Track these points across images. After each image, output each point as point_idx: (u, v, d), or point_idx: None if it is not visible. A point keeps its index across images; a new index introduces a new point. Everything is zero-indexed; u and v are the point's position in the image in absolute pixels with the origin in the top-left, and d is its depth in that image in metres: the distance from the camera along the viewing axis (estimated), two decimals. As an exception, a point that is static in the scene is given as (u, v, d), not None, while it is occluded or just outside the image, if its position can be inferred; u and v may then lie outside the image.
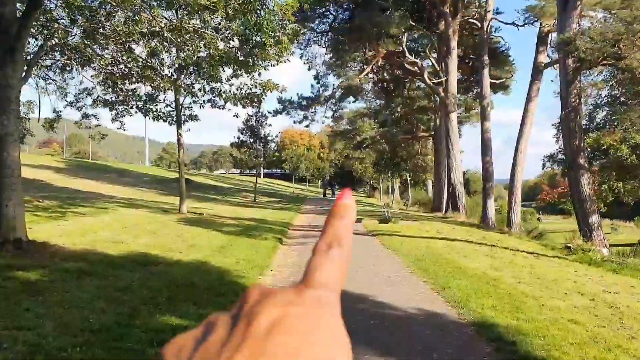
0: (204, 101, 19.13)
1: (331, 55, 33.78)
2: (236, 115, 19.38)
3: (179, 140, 19.60)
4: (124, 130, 18.59)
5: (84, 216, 14.48)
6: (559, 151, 36.21)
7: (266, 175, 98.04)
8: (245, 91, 17.93)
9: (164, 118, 20.18)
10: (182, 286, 7.36)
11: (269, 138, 34.13)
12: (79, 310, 5.77)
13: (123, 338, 5.06)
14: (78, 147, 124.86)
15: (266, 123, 34.08)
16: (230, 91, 18.27)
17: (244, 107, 18.67)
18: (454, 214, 30.31)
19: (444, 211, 33.04)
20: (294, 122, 34.68)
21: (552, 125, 31.82)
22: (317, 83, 34.65)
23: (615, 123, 32.36)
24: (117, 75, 18.04)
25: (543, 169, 41.56)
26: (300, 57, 35.67)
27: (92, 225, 12.73)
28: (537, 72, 28.21)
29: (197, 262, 9.35)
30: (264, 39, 13.75)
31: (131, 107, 19.37)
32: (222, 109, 18.87)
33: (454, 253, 12.51)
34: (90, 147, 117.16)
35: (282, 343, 0.33)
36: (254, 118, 34.06)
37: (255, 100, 18.10)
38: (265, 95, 18.27)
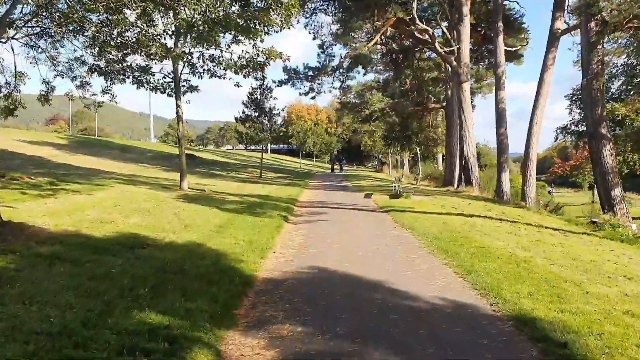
0: (203, 71, 18.00)
1: (338, 24, 32.40)
2: (237, 85, 18.25)
3: (177, 112, 18.52)
4: (116, 102, 17.49)
5: (76, 194, 13.53)
6: (572, 122, 34.91)
7: (273, 151, 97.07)
8: (247, 59, 16.77)
9: (162, 89, 19.11)
10: (170, 273, 6.39)
11: (274, 111, 33.02)
12: (40, 307, 4.80)
13: (87, 344, 4.10)
14: (84, 123, 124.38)
15: (271, 96, 32.96)
16: (230, 59, 17.14)
17: (245, 76, 17.52)
18: (467, 188, 29.21)
19: (456, 185, 31.94)
20: (300, 93, 33.43)
21: (565, 96, 30.38)
22: (323, 53, 33.33)
23: (632, 92, 30.98)
24: (111, 44, 16.98)
25: (556, 140, 40.25)
26: (305, 27, 34.27)
27: (83, 203, 11.78)
28: (553, 39, 26.71)
29: (192, 244, 8.38)
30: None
31: (127, 77, 18.29)
32: (222, 78, 17.73)
33: (474, 231, 11.48)
34: (96, 123, 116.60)
35: None
36: (259, 91, 32.93)
37: (258, 68, 16.93)
38: (269, 63, 17.12)
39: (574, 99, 33.08)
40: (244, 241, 9.07)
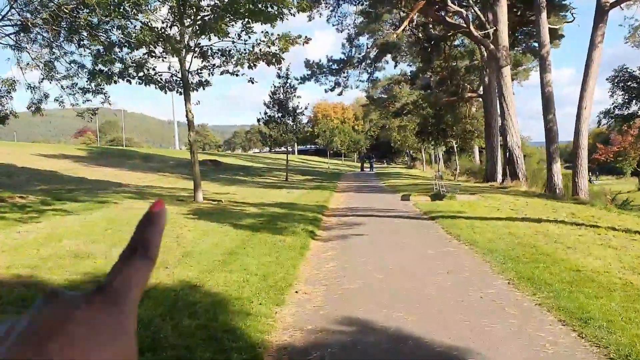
0: (213, 66, 15.88)
1: (362, 15, 30.03)
2: (251, 81, 16.01)
3: (187, 114, 16.42)
4: (109, 104, 15.54)
5: (67, 215, 11.52)
6: (616, 106, 31.81)
7: (300, 152, 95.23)
8: (261, 49, 14.61)
9: (170, 87, 17.09)
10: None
11: (298, 111, 30.87)
12: None
13: None
14: (112, 134, 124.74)
15: (294, 95, 30.84)
16: (245, 50, 15.00)
17: (251, 67, 15.30)
18: (513, 182, 26.51)
19: (500, 180, 29.25)
20: (325, 90, 31.14)
21: (607, 79, 27.42)
22: (349, 45, 30.99)
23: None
24: (110, 43, 15.04)
25: (599, 126, 37.06)
26: (328, 20, 32.04)
27: (66, 229, 9.72)
28: (601, 13, 23.77)
29: (184, 287, 6.17)
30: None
31: (132, 78, 16.36)
32: (235, 74, 15.59)
33: (552, 243, 9.01)
34: (123, 133, 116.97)
35: (58, 348, 0.34)
36: (281, 90, 30.85)
37: (274, 60, 14.73)
38: (286, 50, 14.89)
39: (616, 81, 30.10)
40: (257, 275, 6.83)
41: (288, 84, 30.62)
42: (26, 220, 10.54)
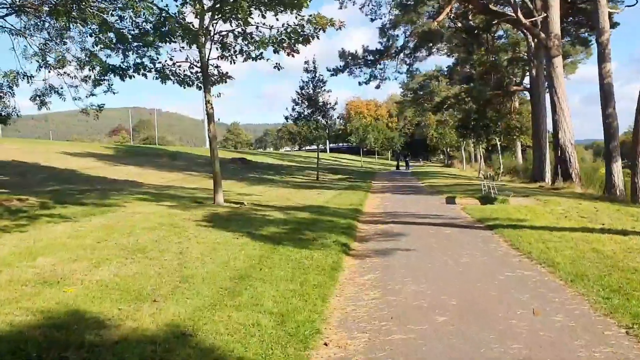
0: (234, 53, 14.16)
1: (400, 3, 27.91)
2: (277, 67, 14.19)
3: (206, 108, 14.74)
4: (113, 93, 13.94)
5: (62, 222, 9.93)
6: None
7: (333, 150, 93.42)
8: (289, 31, 12.81)
9: (190, 82, 15.47)
10: None
11: (328, 106, 29.04)
12: None
13: None
14: (146, 133, 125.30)
15: (324, 89, 29.03)
16: (271, 33, 13.23)
17: (276, 51, 13.51)
18: (566, 183, 24.09)
19: (550, 181, 26.84)
20: (359, 83, 29.04)
21: None
22: (382, 36, 28.89)
23: None
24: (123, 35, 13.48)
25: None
26: (361, 9, 29.97)
27: (50, 241, 8.08)
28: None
29: (169, 335, 4.39)
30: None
31: (148, 71, 14.80)
32: (257, 59, 13.84)
33: (658, 266, 6.94)
34: (156, 132, 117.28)
35: None
36: (310, 85, 29.07)
37: (302, 40, 12.90)
38: (318, 30, 13.03)
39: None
40: (273, 315, 5.01)
41: (317, 78, 28.84)
42: (10, 229, 8.96)
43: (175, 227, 9.79)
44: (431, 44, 27.50)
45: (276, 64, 14.04)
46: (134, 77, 14.86)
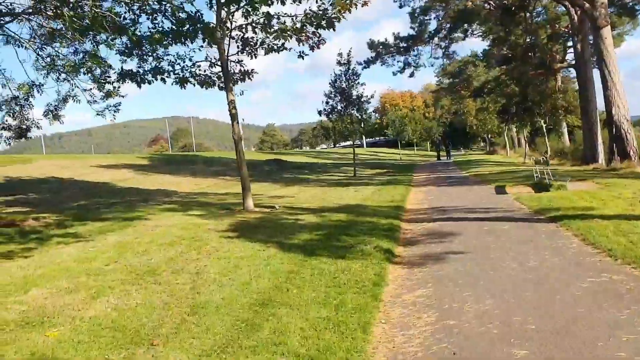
0: (254, 44, 13.12)
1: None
2: (301, 56, 13.06)
3: (229, 106, 13.72)
4: (121, 97, 13.02)
5: (74, 242, 9.05)
6: None
7: (370, 145, 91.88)
8: (309, 16, 11.67)
9: (211, 82, 14.54)
10: None
11: (362, 99, 27.76)
12: None
13: None
14: (183, 141, 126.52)
15: (358, 82, 27.76)
16: (291, 19, 12.12)
17: (300, 40, 12.40)
18: (624, 163, 22.18)
19: (604, 161, 24.89)
20: (393, 72, 27.79)
21: None
22: (413, 22, 27.39)
23: None
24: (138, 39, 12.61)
25: None
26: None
27: (53, 267, 7.15)
28: None
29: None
30: None
31: (167, 76, 13.94)
32: (279, 50, 12.74)
33: None
34: (193, 139, 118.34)
35: None
36: (343, 78, 27.86)
37: (324, 25, 11.72)
38: (342, 17, 11.84)
39: None
40: (300, 358, 3.88)
41: (350, 71, 27.61)
42: (15, 254, 8.10)
43: (197, 241, 8.77)
44: (466, 25, 25.82)
45: (300, 52, 12.90)
46: (152, 82, 14.05)
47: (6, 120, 13.14)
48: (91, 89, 12.51)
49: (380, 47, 25.34)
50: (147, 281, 6.24)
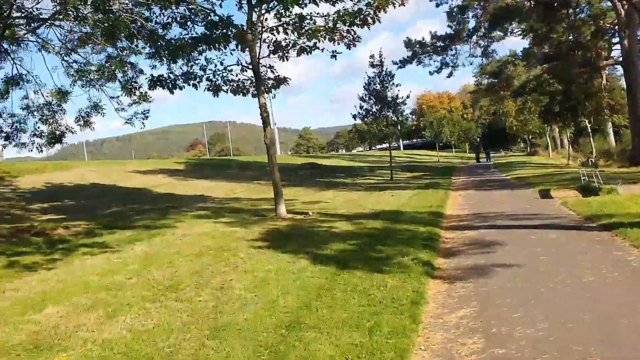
0: (286, 46, 12.74)
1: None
2: (334, 55, 12.61)
3: (260, 110, 13.38)
4: (149, 101, 12.75)
5: (100, 252, 8.79)
6: None
7: (407, 147, 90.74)
8: (341, 14, 11.21)
9: (244, 90, 14.26)
10: None
11: (398, 100, 27.07)
12: None
13: None
14: (221, 145, 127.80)
15: (392, 83, 27.10)
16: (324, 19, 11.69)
17: (332, 39, 11.95)
18: (678, 164, 20.96)
19: (656, 162, 23.64)
20: (430, 72, 26.92)
21: None
22: (451, 20, 26.60)
23: None
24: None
25: None
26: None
27: (74, 281, 6.87)
28: None
29: None
30: None
31: (199, 81, 13.71)
32: (310, 51, 12.31)
33: None
34: (229, 143, 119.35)
35: None
36: (377, 80, 27.25)
37: (359, 23, 11.24)
38: (376, 18, 11.35)
39: None
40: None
41: (384, 72, 26.97)
42: (40, 265, 7.87)
43: (224, 251, 8.38)
44: (506, 23, 24.89)
45: (333, 51, 12.45)
46: (184, 87, 13.83)
47: (38, 127, 13.04)
48: (118, 96, 12.32)
49: (417, 46, 24.65)
50: (168, 298, 5.86)
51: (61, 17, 9.47)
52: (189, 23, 12.87)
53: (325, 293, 5.82)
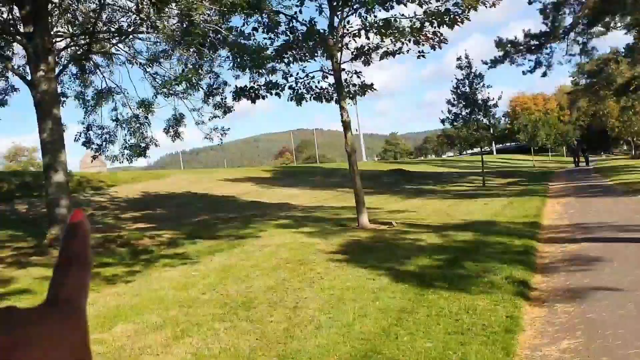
0: (369, 50, 12.29)
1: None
2: (422, 55, 11.98)
3: (341, 113, 13.03)
4: (230, 111, 12.64)
5: (180, 264, 8.75)
6: None
7: (500, 152, 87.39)
8: (430, 13, 10.62)
9: (327, 97, 13.99)
10: None
11: (489, 103, 25.79)
12: None
13: None
14: (308, 152, 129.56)
15: (482, 84, 25.85)
16: (409, 21, 11.15)
17: (418, 42, 11.33)
18: None
19: None
20: (523, 72, 25.33)
21: None
22: (544, 17, 24.99)
23: None
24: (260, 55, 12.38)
25: None
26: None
27: (149, 295, 6.78)
28: None
29: None
30: None
31: (281, 90, 13.61)
32: (395, 54, 11.79)
33: None
34: (316, 150, 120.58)
35: None
36: (466, 82, 26.10)
37: (448, 22, 10.58)
38: (465, 17, 10.66)
39: None
40: None
41: (472, 73, 25.77)
42: (119, 278, 7.91)
43: (302, 264, 8.04)
44: (608, 17, 23.01)
45: (419, 52, 11.82)
46: (266, 97, 13.75)
47: (127, 139, 13.44)
48: (200, 108, 12.41)
49: (509, 45, 23.34)
50: (240, 317, 5.56)
51: (141, 29, 9.58)
52: (271, 32, 12.77)
53: (406, 317, 5.28)
